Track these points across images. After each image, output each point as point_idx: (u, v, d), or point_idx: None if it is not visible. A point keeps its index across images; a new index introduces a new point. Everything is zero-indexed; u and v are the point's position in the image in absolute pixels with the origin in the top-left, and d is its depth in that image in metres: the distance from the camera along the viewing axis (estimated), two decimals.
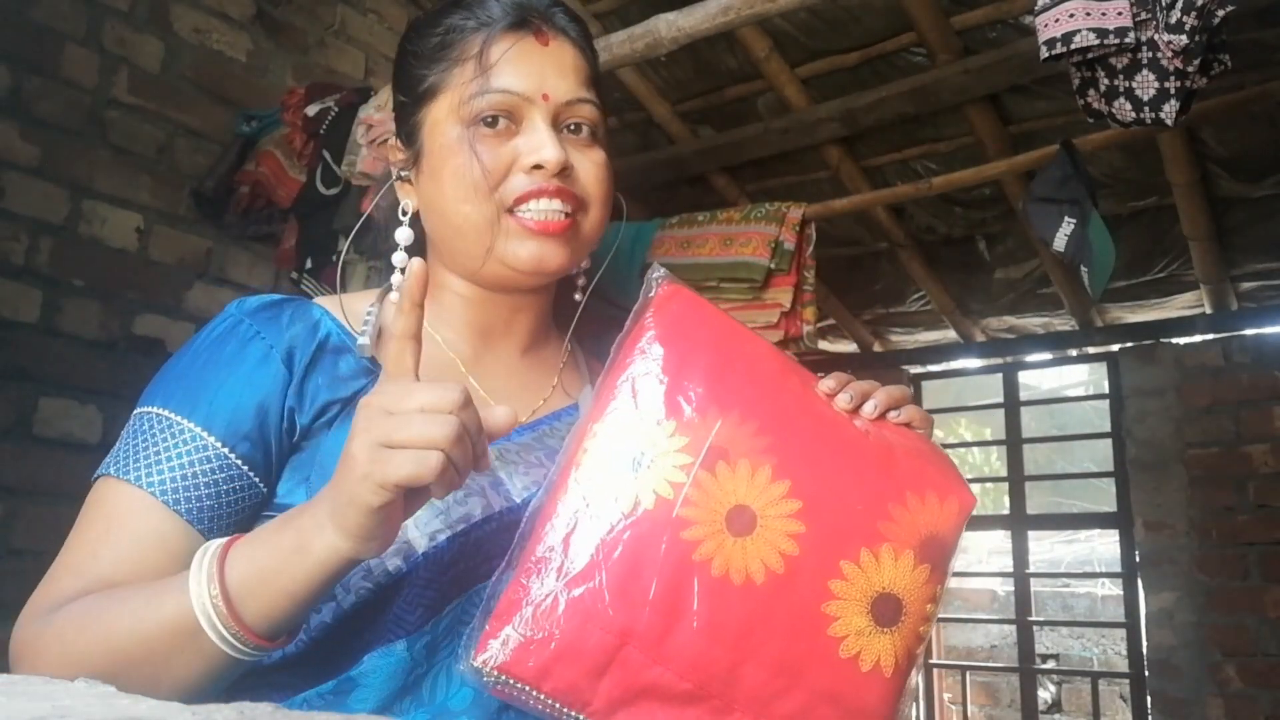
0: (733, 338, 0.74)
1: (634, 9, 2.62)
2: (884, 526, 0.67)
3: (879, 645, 0.66)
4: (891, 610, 0.66)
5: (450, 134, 0.81)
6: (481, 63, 0.80)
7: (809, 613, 0.65)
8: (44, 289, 2.03)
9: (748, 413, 0.69)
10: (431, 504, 0.73)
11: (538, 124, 0.80)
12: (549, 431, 0.85)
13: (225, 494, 0.73)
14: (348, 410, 0.78)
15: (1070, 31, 1.34)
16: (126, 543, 0.71)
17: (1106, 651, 5.04)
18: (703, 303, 0.76)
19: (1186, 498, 3.23)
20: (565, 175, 0.81)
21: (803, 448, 0.69)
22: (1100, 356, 3.62)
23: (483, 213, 0.79)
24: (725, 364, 0.71)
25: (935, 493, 0.70)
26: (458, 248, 0.83)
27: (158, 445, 0.73)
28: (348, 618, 0.72)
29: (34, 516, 1.95)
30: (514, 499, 0.78)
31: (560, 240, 0.81)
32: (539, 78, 0.81)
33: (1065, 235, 1.84)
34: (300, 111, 2.19)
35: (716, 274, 2.24)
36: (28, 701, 0.38)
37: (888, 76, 2.69)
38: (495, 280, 0.84)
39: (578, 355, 0.96)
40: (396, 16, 2.90)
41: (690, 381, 0.69)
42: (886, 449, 0.72)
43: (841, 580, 0.66)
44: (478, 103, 0.80)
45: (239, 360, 0.77)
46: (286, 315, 0.81)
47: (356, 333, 0.82)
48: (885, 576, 0.66)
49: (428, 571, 0.72)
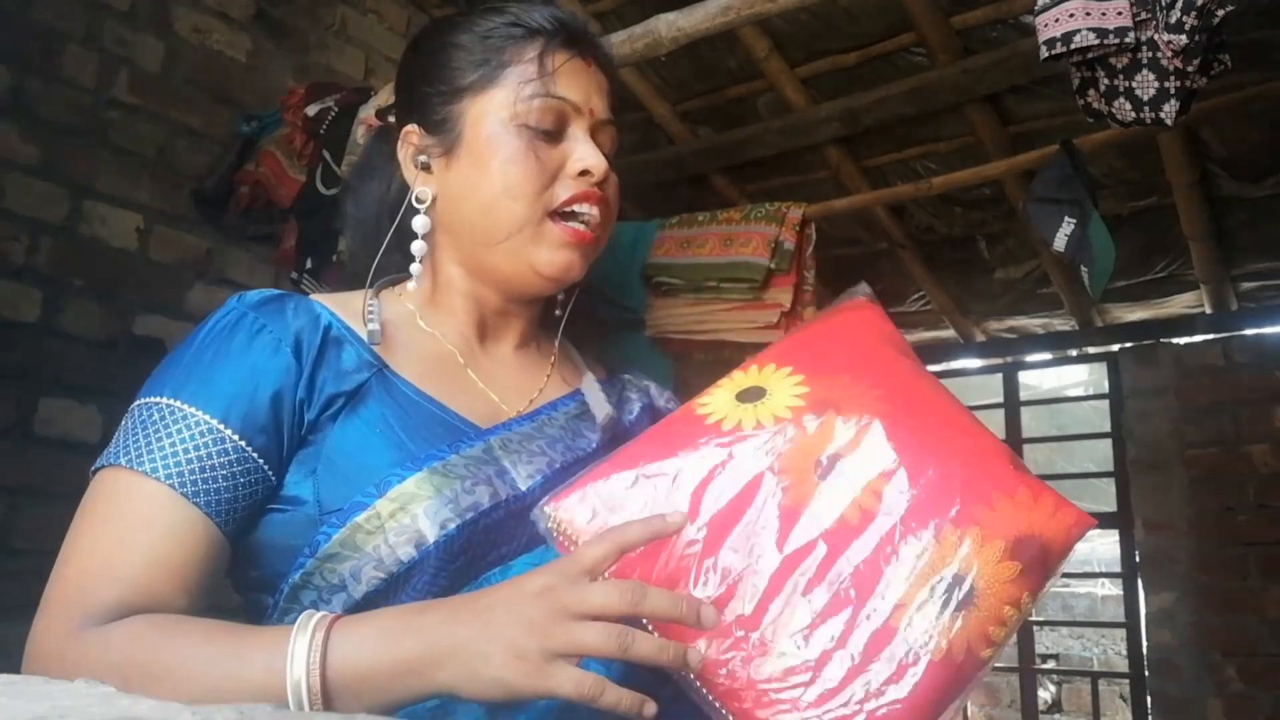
0: (895, 343, 0.78)
1: (634, 9, 2.62)
2: (980, 511, 0.64)
3: (936, 625, 0.61)
4: (960, 593, 0.62)
5: (499, 128, 0.84)
6: (543, 67, 0.84)
7: (872, 571, 0.63)
8: (44, 289, 2.03)
9: (875, 381, 0.70)
10: (441, 493, 0.74)
11: (582, 135, 0.86)
12: (547, 421, 0.86)
13: (241, 485, 0.73)
14: (351, 404, 0.78)
15: (1070, 31, 1.34)
16: (152, 540, 0.69)
17: (1106, 651, 5.04)
18: (883, 319, 0.82)
19: (1186, 498, 3.23)
20: (603, 185, 0.86)
21: (919, 420, 0.69)
22: (1100, 356, 3.62)
23: (529, 211, 0.83)
24: (873, 350, 0.75)
25: (1052, 500, 0.67)
26: (488, 240, 0.85)
27: (170, 435, 0.72)
28: (358, 607, 0.72)
29: (34, 516, 1.95)
30: (519, 487, 0.79)
31: (584, 252, 0.86)
32: (587, 93, 0.87)
33: (1065, 235, 1.84)
34: (300, 111, 2.18)
35: (716, 274, 2.24)
36: (28, 701, 0.38)
37: (888, 76, 2.69)
38: (510, 280, 0.87)
39: (569, 350, 0.99)
40: (396, 16, 2.90)
41: (833, 353, 0.74)
42: (1012, 456, 0.70)
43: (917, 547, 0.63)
44: (538, 104, 0.84)
45: (248, 352, 0.76)
46: (290, 308, 0.81)
47: (357, 326, 0.83)
48: (963, 559, 0.63)
49: (438, 560, 0.73)
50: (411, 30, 2.93)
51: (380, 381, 0.80)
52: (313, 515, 0.75)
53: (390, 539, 0.72)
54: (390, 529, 0.72)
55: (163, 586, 0.69)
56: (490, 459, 0.79)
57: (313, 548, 0.74)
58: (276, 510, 0.76)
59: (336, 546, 0.73)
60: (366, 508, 0.73)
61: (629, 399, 0.97)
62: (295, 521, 0.75)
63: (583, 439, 0.87)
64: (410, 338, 0.86)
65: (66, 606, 0.67)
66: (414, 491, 0.73)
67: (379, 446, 0.76)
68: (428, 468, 0.75)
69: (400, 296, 0.91)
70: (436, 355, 0.86)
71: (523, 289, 0.87)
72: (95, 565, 0.68)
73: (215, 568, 0.73)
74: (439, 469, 0.75)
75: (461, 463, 0.77)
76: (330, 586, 0.73)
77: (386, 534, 0.72)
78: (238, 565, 0.77)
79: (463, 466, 0.76)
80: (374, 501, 0.73)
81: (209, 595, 0.73)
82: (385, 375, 0.81)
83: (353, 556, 0.73)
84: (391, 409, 0.79)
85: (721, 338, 2.29)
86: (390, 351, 0.83)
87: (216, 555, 0.73)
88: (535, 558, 0.77)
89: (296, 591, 0.74)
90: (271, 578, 0.76)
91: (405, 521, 0.73)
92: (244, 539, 0.76)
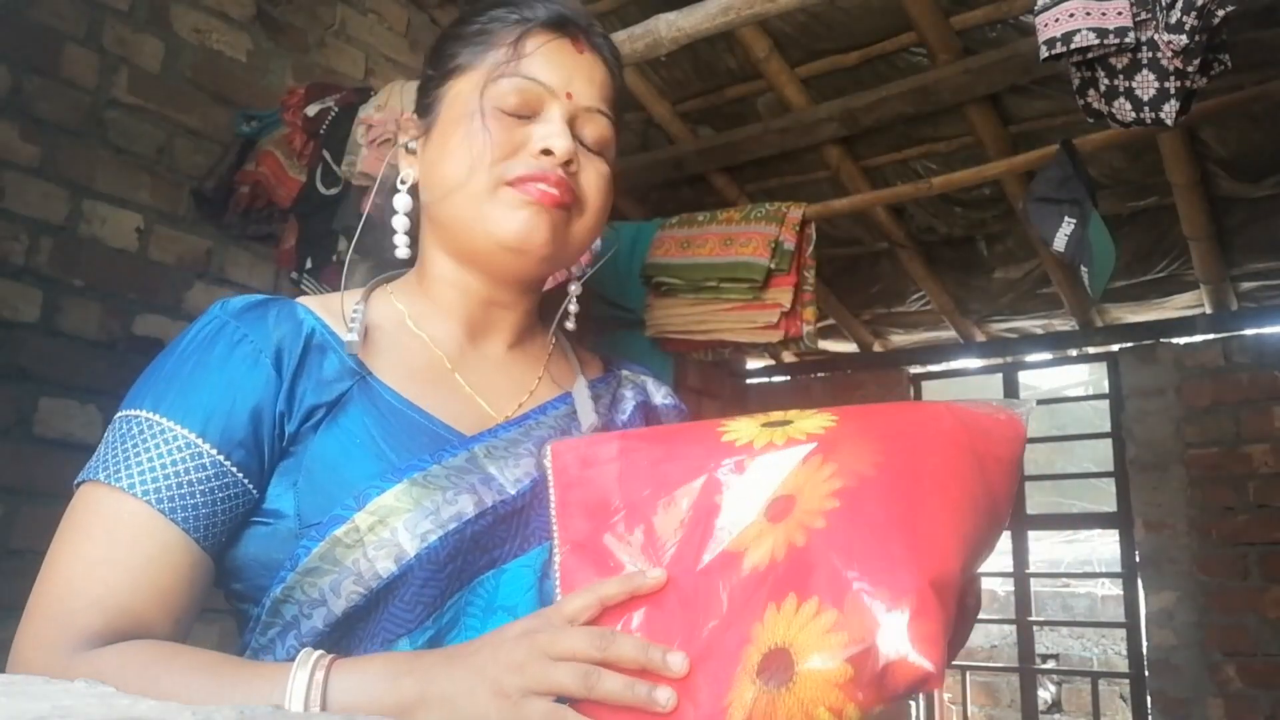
0: (974, 452, 0.69)
1: (634, 9, 2.62)
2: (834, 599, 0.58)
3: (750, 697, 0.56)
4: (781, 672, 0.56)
5: (467, 107, 0.82)
6: (516, 49, 0.82)
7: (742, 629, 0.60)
8: (44, 289, 2.03)
9: (886, 458, 0.65)
10: (421, 505, 0.73)
11: (554, 116, 0.82)
12: (535, 425, 0.84)
13: (220, 501, 0.72)
14: (332, 414, 0.77)
15: (1070, 31, 1.34)
16: (135, 563, 0.69)
17: (1106, 651, 5.04)
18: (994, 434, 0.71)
19: (1186, 498, 3.23)
20: (569, 170, 0.82)
21: (881, 507, 0.62)
22: (1100, 356, 3.62)
23: (480, 181, 0.80)
24: (932, 440, 0.68)
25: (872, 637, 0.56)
26: (450, 215, 0.83)
27: (149, 450, 0.72)
28: (339, 622, 0.72)
29: (34, 516, 1.95)
30: (508, 491, 0.77)
31: (549, 217, 0.81)
32: (567, 76, 0.84)
33: (1065, 235, 1.84)
34: (300, 111, 2.18)
35: (716, 274, 2.24)
36: (28, 701, 0.38)
37: (888, 76, 2.69)
38: (483, 258, 0.84)
39: (564, 346, 0.96)
40: (396, 16, 2.90)
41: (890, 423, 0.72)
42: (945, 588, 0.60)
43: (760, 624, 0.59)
44: (504, 84, 0.82)
45: (227, 364, 0.76)
46: (272, 316, 0.80)
47: (342, 331, 0.82)
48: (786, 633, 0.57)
49: (424, 571, 0.72)
50: (412, 30, 2.93)
51: (362, 390, 0.79)
52: (293, 528, 0.74)
53: (369, 553, 0.71)
54: (369, 543, 0.72)
55: (147, 609, 0.69)
56: (474, 467, 0.77)
57: (293, 561, 0.73)
58: (259, 523, 0.75)
59: (316, 560, 0.72)
60: (345, 521, 0.72)
61: (623, 396, 0.95)
62: (276, 535, 0.74)
63: None
64: (397, 341, 0.85)
65: (51, 625, 0.67)
66: (393, 504, 0.73)
67: (359, 457, 0.75)
68: (407, 479, 0.74)
69: (392, 295, 0.89)
70: (423, 360, 0.85)
71: (494, 265, 0.84)
72: (78, 584, 0.68)
73: (198, 589, 0.73)
74: (419, 480, 0.74)
75: (443, 473, 0.75)
76: (310, 600, 0.72)
77: (365, 548, 0.72)
78: (222, 577, 0.77)
79: (444, 476, 0.75)
80: (352, 515, 0.72)
81: (193, 616, 0.73)
82: (367, 383, 0.80)
83: (332, 571, 0.72)
84: (373, 417, 0.78)
85: (721, 338, 2.29)
86: (374, 357, 0.82)
87: (199, 575, 0.72)
88: (529, 560, 0.76)
89: (278, 605, 0.73)
90: (254, 591, 0.75)
91: (384, 535, 0.72)
92: (227, 552, 0.75)
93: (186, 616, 0.72)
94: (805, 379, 4.22)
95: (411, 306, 0.88)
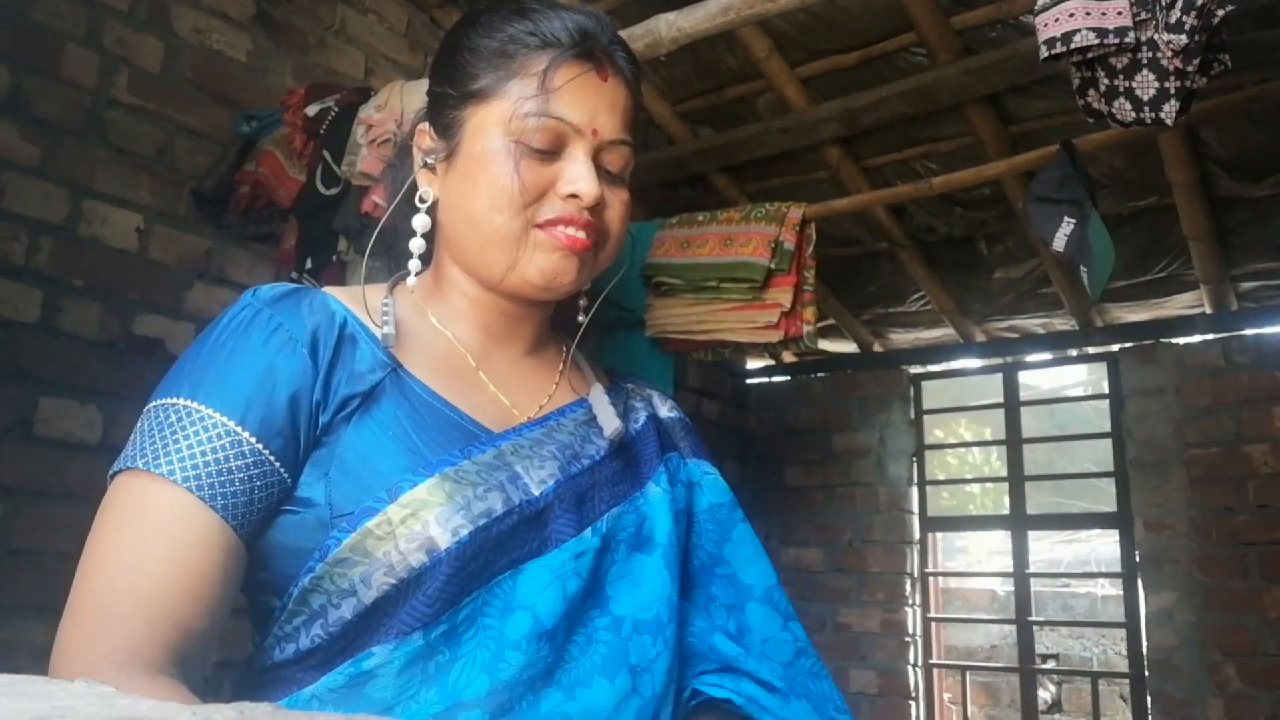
0: None
1: (634, 9, 2.62)
2: None
3: None
4: None
5: (494, 143, 0.82)
6: (544, 84, 0.82)
7: None
8: (44, 289, 2.03)
9: None
10: (453, 499, 0.74)
11: (580, 156, 0.83)
12: (556, 426, 0.86)
13: (258, 489, 0.72)
14: (365, 405, 0.78)
15: (1070, 31, 1.34)
16: (176, 553, 0.68)
17: (1106, 651, 5.04)
18: None
19: (1186, 498, 3.23)
20: (595, 209, 0.84)
21: None
22: (1100, 356, 3.62)
23: (513, 226, 0.82)
24: None
25: None
26: (482, 255, 0.84)
27: (189, 438, 0.71)
28: (368, 611, 0.72)
29: (34, 516, 1.94)
30: (532, 492, 0.78)
31: (577, 260, 0.84)
32: (593, 112, 0.84)
33: (1065, 235, 1.84)
34: (300, 111, 2.18)
35: (716, 274, 2.24)
36: (28, 701, 0.38)
37: (888, 76, 2.69)
38: (507, 290, 0.86)
39: (578, 358, 0.98)
40: (397, 16, 2.90)
41: None
42: None
43: None
44: (532, 123, 0.82)
45: (264, 351, 0.76)
46: (306, 305, 0.80)
47: (374, 324, 0.83)
48: None
49: (449, 566, 0.72)
50: (412, 30, 2.93)
51: (394, 382, 0.80)
52: (324, 518, 0.74)
53: (401, 545, 0.72)
54: (401, 535, 0.72)
55: (187, 606, 0.68)
56: (502, 464, 0.78)
57: (323, 551, 0.73)
58: (288, 512, 0.75)
59: (347, 551, 0.72)
60: (378, 513, 0.73)
61: (634, 408, 0.97)
62: (306, 524, 0.75)
63: (592, 445, 0.87)
64: (423, 335, 0.86)
65: (96, 641, 0.66)
66: (425, 498, 0.73)
67: (392, 450, 0.76)
68: (439, 473, 0.75)
69: (412, 293, 0.90)
70: (449, 355, 0.86)
71: (517, 295, 0.87)
72: (119, 578, 0.68)
73: (235, 578, 0.73)
74: (451, 474, 0.75)
75: (474, 468, 0.77)
76: (340, 591, 0.73)
77: (398, 540, 0.72)
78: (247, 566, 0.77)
79: (475, 472, 0.76)
80: (385, 507, 0.73)
81: (228, 607, 0.72)
82: (399, 375, 0.81)
83: (363, 562, 0.72)
84: (405, 410, 0.79)
85: (721, 338, 2.29)
86: (403, 350, 0.83)
87: (236, 563, 0.73)
88: (547, 560, 0.77)
89: (305, 595, 0.74)
90: (279, 580, 0.76)
91: (416, 528, 0.72)
92: (254, 541, 0.75)
93: (221, 608, 0.71)
94: (805, 379, 4.23)
95: (432, 306, 0.90)
